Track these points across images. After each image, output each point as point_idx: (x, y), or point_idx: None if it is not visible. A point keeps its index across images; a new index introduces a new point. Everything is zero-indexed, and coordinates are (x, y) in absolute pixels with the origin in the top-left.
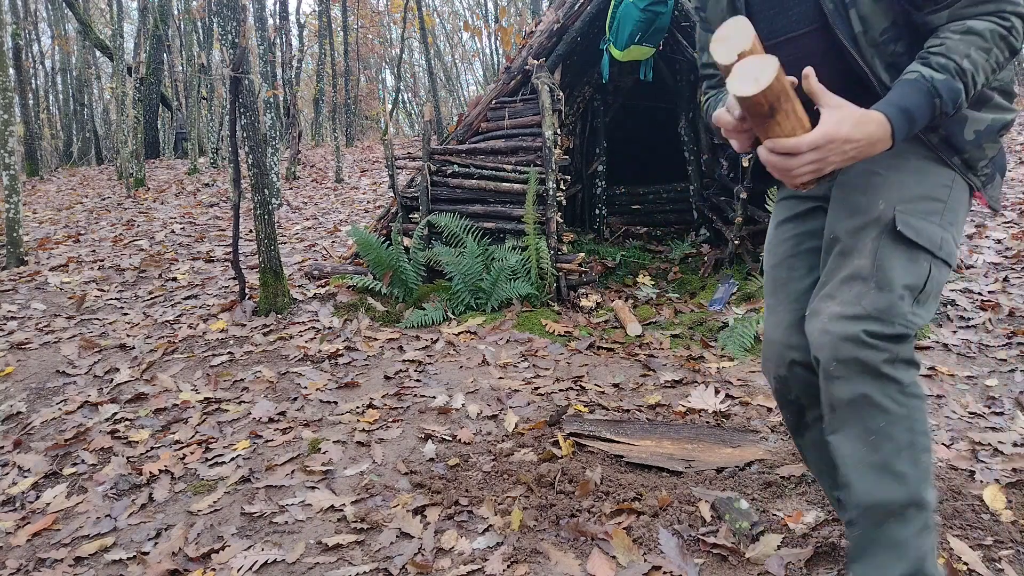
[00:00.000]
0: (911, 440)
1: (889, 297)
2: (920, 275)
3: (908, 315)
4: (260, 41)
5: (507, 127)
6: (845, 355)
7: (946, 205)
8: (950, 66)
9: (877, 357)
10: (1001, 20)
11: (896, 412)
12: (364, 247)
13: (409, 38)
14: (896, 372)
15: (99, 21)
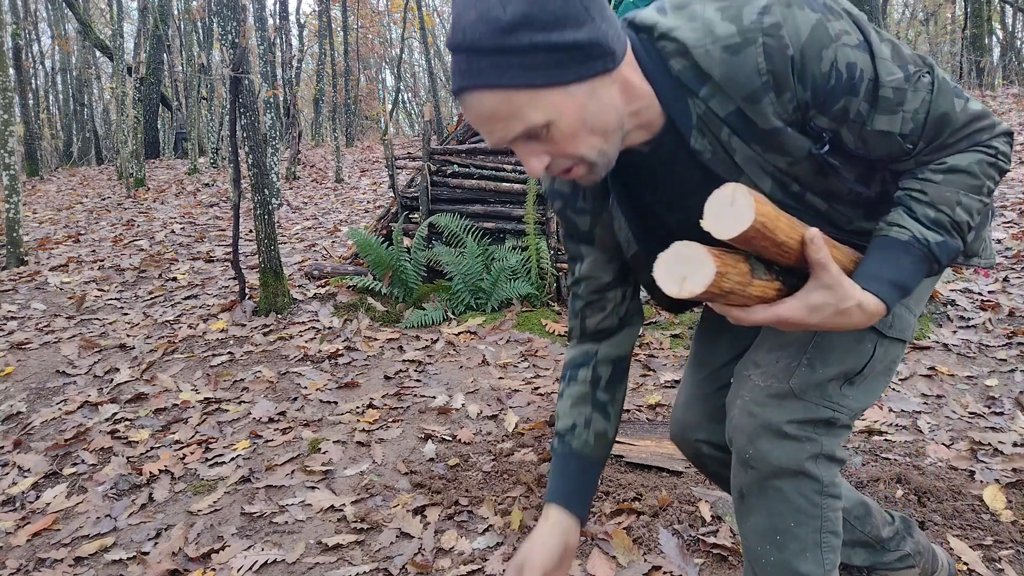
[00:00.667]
0: (818, 540)
1: (820, 377)
2: (861, 357)
3: (836, 396)
4: (260, 41)
5: None
6: (764, 447)
7: None
8: (943, 221)
9: (801, 453)
10: (986, 149)
11: (809, 512)
12: (364, 248)
13: (409, 38)
14: (818, 470)
15: (99, 21)
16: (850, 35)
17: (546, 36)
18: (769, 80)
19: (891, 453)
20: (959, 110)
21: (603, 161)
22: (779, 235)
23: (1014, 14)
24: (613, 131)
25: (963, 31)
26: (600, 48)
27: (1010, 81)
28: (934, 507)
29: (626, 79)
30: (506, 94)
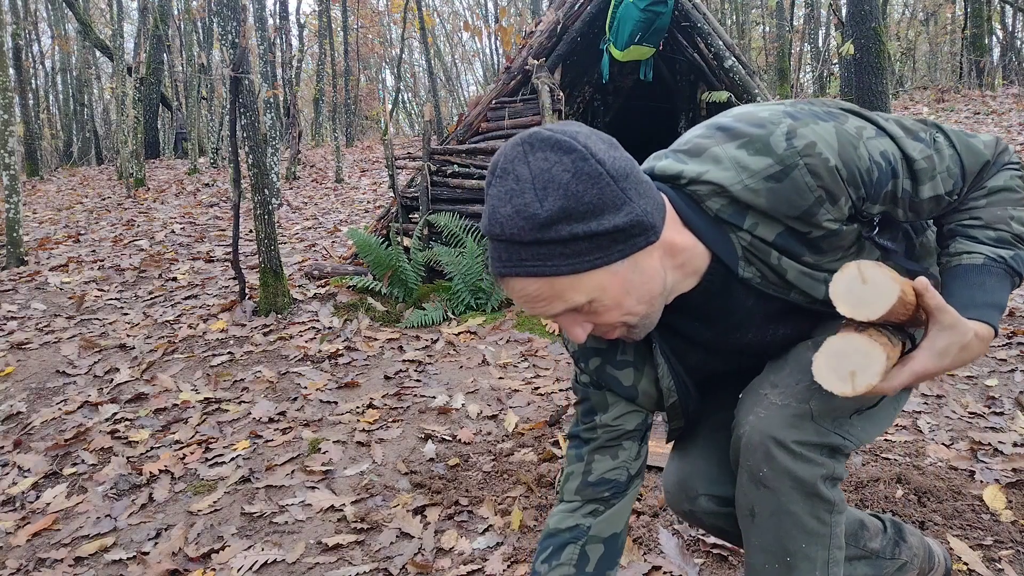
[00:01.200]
0: (827, 558)
1: (838, 403)
2: None
3: (847, 426)
4: (260, 41)
5: (507, 127)
6: (779, 466)
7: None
8: (1005, 237)
9: (814, 474)
10: (1011, 166)
11: (820, 532)
12: (363, 248)
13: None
14: (830, 492)
15: (99, 21)
16: (866, 128)
17: (585, 226)
18: (822, 195)
19: (891, 453)
20: (984, 147)
21: (646, 323)
22: (908, 298)
23: (1014, 14)
24: (658, 295)
25: (963, 31)
26: (641, 226)
27: (1010, 81)
28: (934, 507)
29: (669, 242)
30: (548, 281)
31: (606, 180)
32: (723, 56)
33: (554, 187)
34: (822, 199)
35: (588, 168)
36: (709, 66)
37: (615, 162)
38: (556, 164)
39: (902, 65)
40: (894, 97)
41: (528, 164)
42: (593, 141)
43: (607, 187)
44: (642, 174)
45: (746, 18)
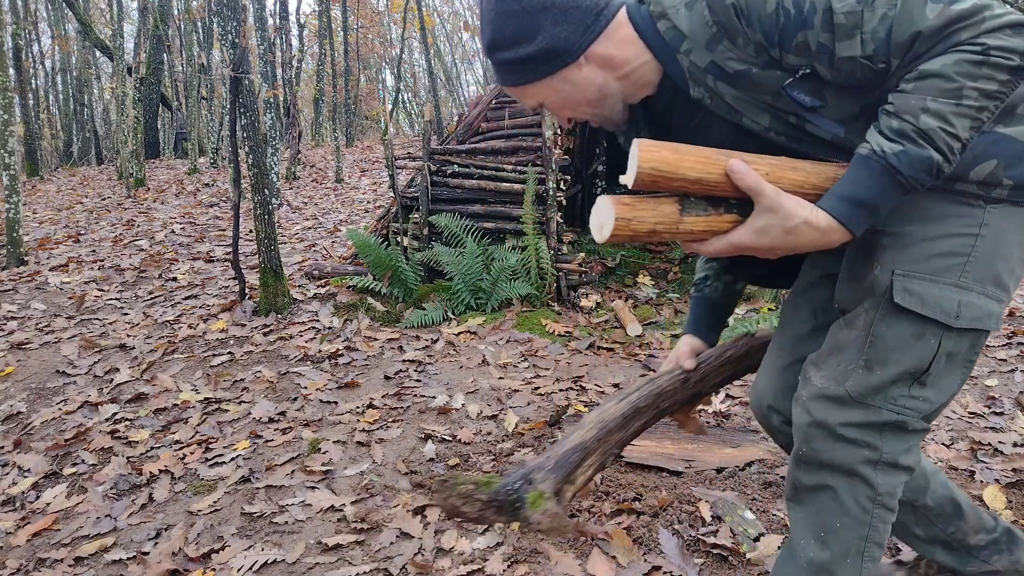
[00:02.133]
0: (861, 548)
1: (879, 379)
2: (924, 354)
3: (903, 399)
4: (260, 41)
5: (507, 127)
6: (816, 446)
7: (969, 258)
8: (906, 129)
9: (854, 457)
10: (968, 47)
11: (858, 517)
12: (363, 248)
13: (409, 38)
14: (874, 475)
15: (99, 21)
16: None
17: (509, 54)
18: (719, 30)
19: None
20: (933, 16)
21: (602, 118)
22: (689, 174)
23: None
24: (599, 99)
25: None
26: (553, 52)
27: None
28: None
29: (601, 57)
30: (510, 89)
31: (520, 15)
32: None
33: (488, 26)
34: (720, 35)
35: (506, 7)
36: None
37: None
38: (488, 7)
39: None
40: None
41: (480, 7)
42: None
43: (522, 21)
44: (571, 2)
45: None
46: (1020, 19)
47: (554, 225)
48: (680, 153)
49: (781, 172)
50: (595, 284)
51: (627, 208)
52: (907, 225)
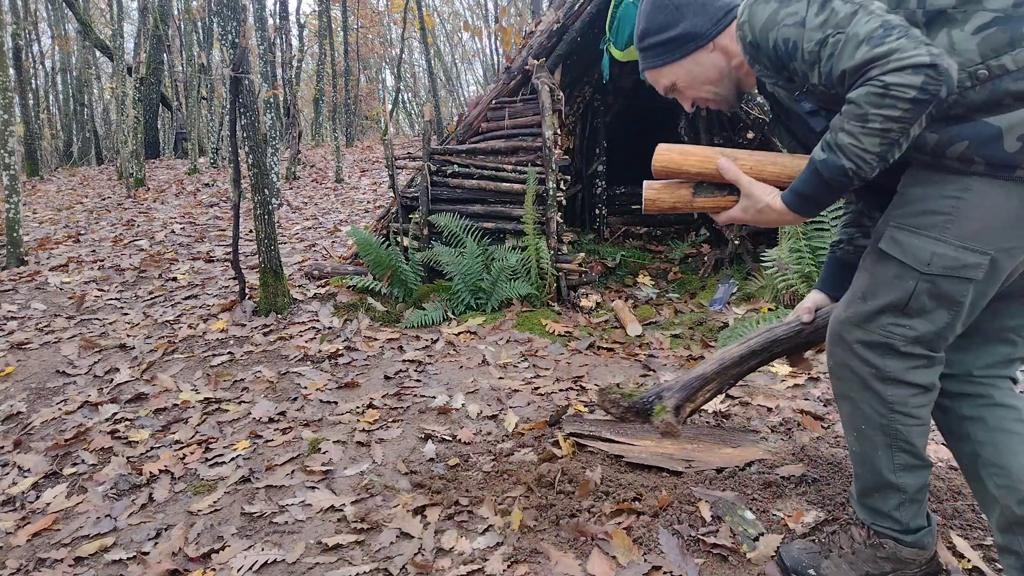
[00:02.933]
0: (889, 443)
1: (869, 308)
2: (903, 292)
3: (890, 326)
4: (260, 41)
5: (507, 127)
6: (839, 359)
7: (950, 216)
8: (831, 142)
9: (863, 370)
10: (871, 85)
11: (877, 421)
12: (364, 247)
13: (409, 38)
14: (883, 388)
15: (99, 21)
16: (795, 15)
17: (655, 38)
18: (749, 56)
19: None
20: (857, 58)
21: (720, 98)
22: (691, 170)
23: None
24: (718, 80)
25: None
26: (689, 36)
27: None
28: (934, 507)
29: (724, 46)
30: (651, 72)
31: (671, 9)
32: None
33: (643, 19)
34: (751, 60)
35: (658, 3)
36: None
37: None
38: (646, 3)
39: None
40: None
41: (639, 7)
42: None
43: (670, 13)
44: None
45: None
46: (922, 61)
47: (554, 225)
48: (685, 155)
49: (762, 166)
50: (595, 284)
51: (654, 192)
52: (912, 187)
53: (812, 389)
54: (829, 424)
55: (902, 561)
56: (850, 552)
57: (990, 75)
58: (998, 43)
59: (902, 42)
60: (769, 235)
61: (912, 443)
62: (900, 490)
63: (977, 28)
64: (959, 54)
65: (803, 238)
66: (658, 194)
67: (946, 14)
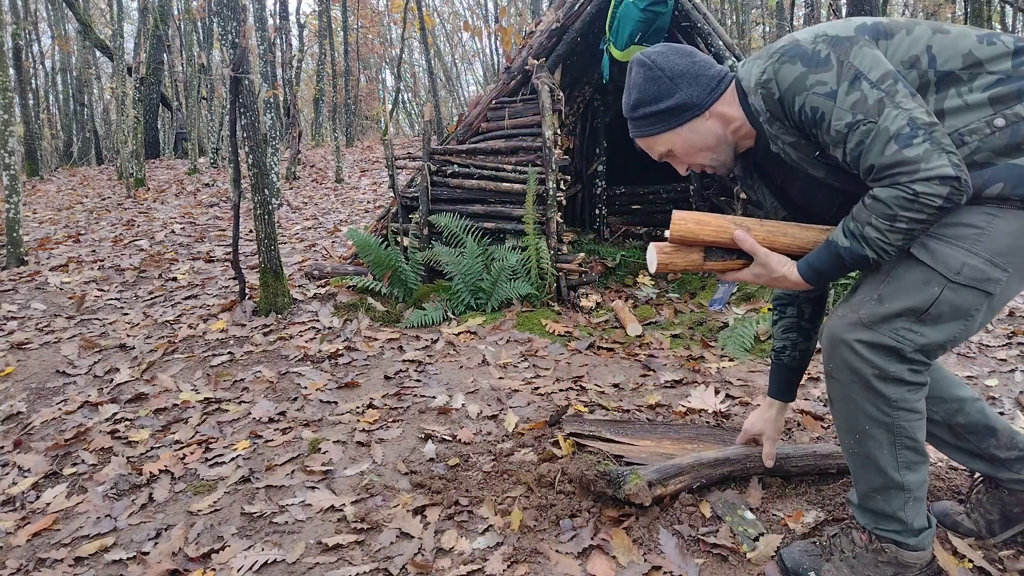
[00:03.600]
0: (893, 440)
1: (886, 310)
2: (926, 298)
3: (903, 331)
4: (260, 41)
5: (507, 127)
6: (839, 359)
7: (984, 231)
8: (856, 232)
9: (866, 371)
10: (901, 189)
11: (880, 420)
12: (363, 248)
13: (409, 38)
14: (885, 387)
15: (99, 21)
16: (825, 85)
17: (650, 108)
18: (769, 115)
19: None
20: (887, 155)
21: (718, 164)
22: (707, 239)
23: (1014, 14)
24: (716, 146)
25: None
26: (685, 106)
27: None
28: (932, 500)
29: (720, 113)
30: (645, 139)
31: (663, 80)
32: (723, 56)
33: (635, 89)
34: (769, 118)
35: (653, 74)
36: None
37: (674, 67)
38: (637, 75)
39: None
40: None
41: (628, 78)
42: (665, 56)
43: (663, 84)
44: (700, 71)
45: (746, 18)
46: (948, 173)
47: (554, 225)
48: (701, 224)
49: (774, 237)
50: (595, 284)
51: (666, 256)
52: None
53: (812, 389)
54: (829, 424)
55: (903, 565)
56: (851, 556)
57: (1007, 123)
58: (1007, 95)
59: (927, 148)
60: None
61: (915, 438)
62: (904, 488)
63: (985, 86)
64: (972, 108)
65: None
66: (670, 258)
67: (954, 75)
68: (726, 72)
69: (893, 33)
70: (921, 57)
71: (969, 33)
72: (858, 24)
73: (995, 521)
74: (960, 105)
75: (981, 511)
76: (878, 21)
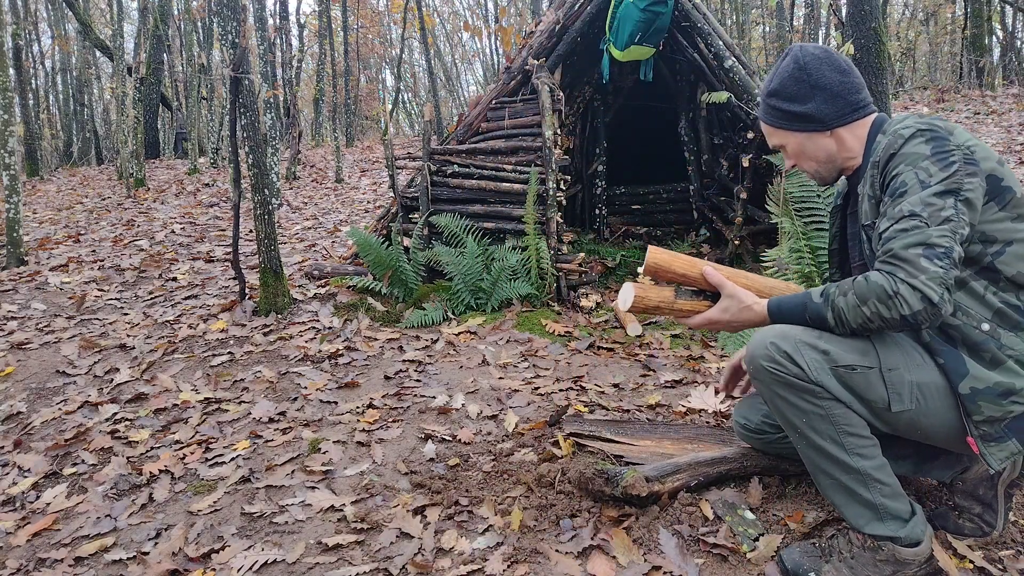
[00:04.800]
0: (833, 432)
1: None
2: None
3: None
4: (260, 41)
5: (507, 127)
6: (756, 363)
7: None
8: (831, 295)
9: (787, 370)
10: (891, 280)
11: (811, 411)
12: (363, 248)
13: (409, 38)
14: (806, 383)
15: (99, 21)
16: (929, 176)
17: (781, 103)
18: (877, 159)
19: None
20: (909, 251)
21: (819, 176)
22: (678, 270)
23: (1014, 14)
24: (824, 162)
25: (963, 31)
26: (812, 118)
27: (1010, 81)
28: (934, 507)
29: (842, 137)
30: (766, 126)
31: (806, 86)
32: (723, 56)
33: (778, 77)
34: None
35: (799, 75)
36: (709, 66)
37: (821, 78)
38: (787, 66)
39: (902, 65)
40: (894, 97)
41: (780, 61)
42: (818, 63)
43: (804, 88)
44: (844, 92)
45: (746, 18)
46: (932, 297)
47: (554, 225)
48: (674, 256)
49: (736, 278)
50: (595, 284)
51: (642, 290)
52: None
53: None
54: None
55: (901, 563)
56: (849, 557)
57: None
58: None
59: (937, 272)
60: (769, 236)
61: (852, 423)
62: (863, 473)
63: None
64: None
65: (803, 238)
66: (645, 292)
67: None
68: (869, 105)
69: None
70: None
71: None
72: (998, 171)
73: (981, 513)
74: (979, 292)
75: (966, 512)
76: (1014, 187)
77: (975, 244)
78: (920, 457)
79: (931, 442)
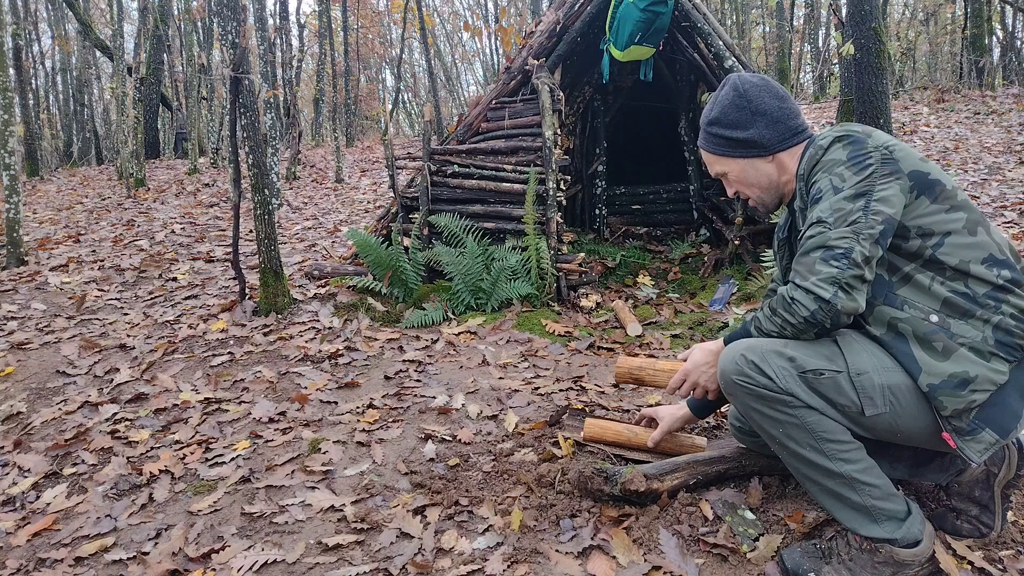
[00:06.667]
0: (812, 440)
1: (781, 350)
2: (820, 364)
3: (783, 370)
4: (260, 41)
5: (507, 127)
6: (726, 377)
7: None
8: (755, 314)
9: (756, 381)
10: (789, 287)
11: (785, 421)
12: (363, 248)
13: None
14: (776, 394)
15: (99, 21)
16: (843, 181)
17: (722, 130)
18: (803, 172)
19: None
20: (808, 256)
21: (762, 202)
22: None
23: (1014, 14)
24: (766, 188)
25: (963, 31)
26: (754, 143)
27: (1010, 81)
28: (933, 508)
29: (782, 162)
30: (707, 154)
31: (747, 112)
32: (723, 56)
33: (719, 106)
34: (802, 176)
35: (740, 102)
36: (709, 66)
37: (761, 104)
38: (727, 94)
39: (902, 65)
40: (894, 97)
41: (719, 91)
42: (757, 91)
43: (745, 115)
44: (783, 118)
45: (746, 18)
46: (823, 295)
47: (554, 225)
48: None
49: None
50: (595, 284)
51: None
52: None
53: None
54: None
55: (900, 564)
56: (848, 558)
57: (937, 323)
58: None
59: (831, 273)
60: (769, 236)
61: (828, 430)
62: (848, 477)
63: (950, 289)
64: (926, 293)
65: None
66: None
67: (940, 263)
68: (807, 130)
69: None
70: (935, 234)
71: (986, 245)
72: (923, 167)
73: (978, 515)
74: (925, 284)
75: (964, 514)
76: (943, 180)
77: (914, 239)
78: (915, 460)
79: (914, 444)
